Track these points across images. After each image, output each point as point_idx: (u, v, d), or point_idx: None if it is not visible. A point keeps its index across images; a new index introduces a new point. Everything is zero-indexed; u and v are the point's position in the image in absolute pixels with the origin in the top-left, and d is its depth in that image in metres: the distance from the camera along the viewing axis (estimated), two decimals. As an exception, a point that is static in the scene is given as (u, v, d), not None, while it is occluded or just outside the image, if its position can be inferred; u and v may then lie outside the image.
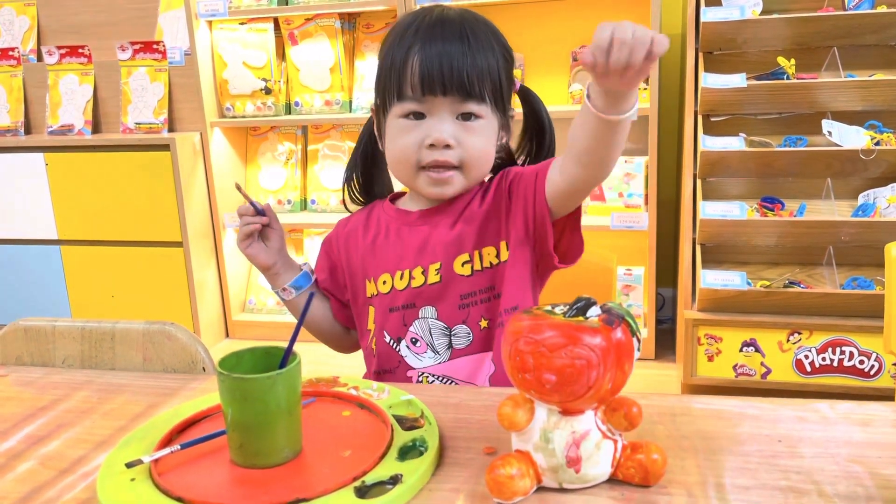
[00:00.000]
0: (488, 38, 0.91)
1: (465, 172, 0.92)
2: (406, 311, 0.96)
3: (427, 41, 0.88)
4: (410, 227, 0.98)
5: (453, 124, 0.90)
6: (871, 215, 2.04)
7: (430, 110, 0.90)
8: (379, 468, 0.62)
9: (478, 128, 0.91)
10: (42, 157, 2.72)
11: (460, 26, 0.90)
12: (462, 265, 0.94)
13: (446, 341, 0.95)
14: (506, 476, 0.58)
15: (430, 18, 0.91)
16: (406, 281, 0.96)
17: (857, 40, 2.22)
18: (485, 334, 0.94)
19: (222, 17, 2.64)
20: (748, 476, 0.61)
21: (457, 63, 0.87)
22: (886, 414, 0.71)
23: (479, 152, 0.92)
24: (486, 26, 0.93)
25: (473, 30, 0.90)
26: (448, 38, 0.88)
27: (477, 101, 0.89)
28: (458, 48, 0.88)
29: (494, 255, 0.94)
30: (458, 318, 0.94)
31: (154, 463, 0.64)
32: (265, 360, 0.67)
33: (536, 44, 2.67)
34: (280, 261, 1.02)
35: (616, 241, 2.58)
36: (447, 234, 0.95)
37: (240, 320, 2.89)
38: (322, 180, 2.83)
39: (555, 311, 0.62)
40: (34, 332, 0.94)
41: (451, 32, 0.89)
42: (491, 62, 0.90)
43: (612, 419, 0.60)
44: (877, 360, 1.99)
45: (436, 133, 0.89)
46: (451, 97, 0.88)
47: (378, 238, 1.00)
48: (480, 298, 0.94)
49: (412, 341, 0.96)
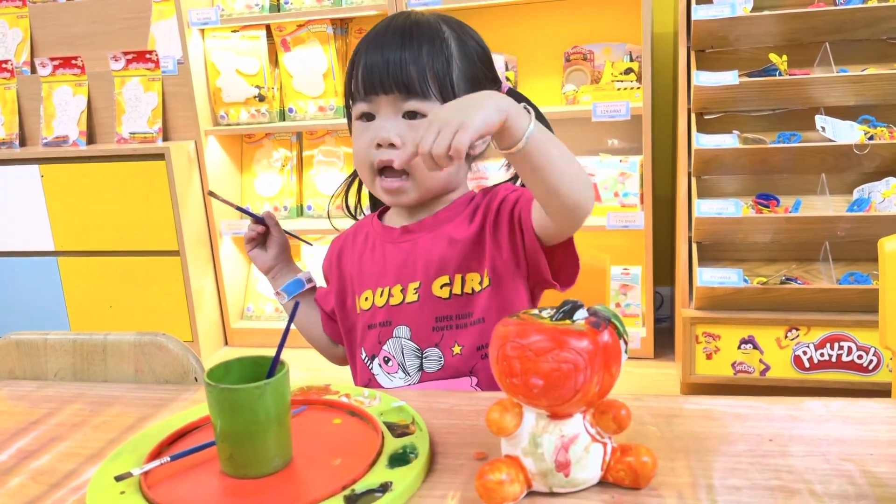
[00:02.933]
0: (438, 37, 0.90)
1: (413, 176, 0.91)
2: (382, 329, 0.95)
3: (372, 45, 0.90)
4: (393, 244, 0.97)
5: (399, 123, 0.89)
6: (866, 210, 2.04)
7: (377, 110, 0.90)
8: (369, 476, 0.62)
9: None
10: (37, 169, 2.72)
11: (406, 28, 0.90)
12: (441, 287, 0.92)
13: (417, 363, 0.93)
14: (495, 481, 0.58)
15: (383, 24, 0.92)
16: (385, 298, 0.95)
17: (848, 35, 2.22)
18: (456, 360, 0.92)
19: (214, 24, 2.64)
20: (739, 476, 0.61)
21: (394, 60, 0.87)
22: (879, 411, 0.71)
23: None
24: (445, 26, 0.92)
25: (420, 30, 0.90)
26: (390, 40, 0.89)
27: (419, 98, 0.88)
28: (397, 47, 0.88)
29: (478, 282, 0.92)
30: (431, 341, 0.92)
31: (144, 475, 0.64)
32: (253, 369, 0.67)
33: (529, 45, 2.67)
34: (279, 266, 1.06)
35: (612, 240, 2.58)
36: (429, 252, 0.93)
37: (238, 328, 2.89)
38: (318, 186, 2.83)
39: (542, 315, 0.62)
40: (26, 346, 0.94)
41: (395, 34, 0.89)
42: (437, 60, 0.88)
43: (601, 422, 0.60)
44: (875, 355, 1.99)
45: (382, 132, 0.89)
46: (392, 95, 0.88)
47: (364, 254, 1.00)
48: (456, 324, 0.92)
49: (384, 360, 0.95)
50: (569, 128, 2.62)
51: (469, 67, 0.92)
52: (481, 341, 0.92)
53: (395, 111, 0.89)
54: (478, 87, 0.93)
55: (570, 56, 2.63)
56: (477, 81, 0.93)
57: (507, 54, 2.64)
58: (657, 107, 2.56)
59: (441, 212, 0.96)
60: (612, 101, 2.36)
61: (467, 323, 0.92)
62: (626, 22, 2.54)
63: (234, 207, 1.08)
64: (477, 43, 0.96)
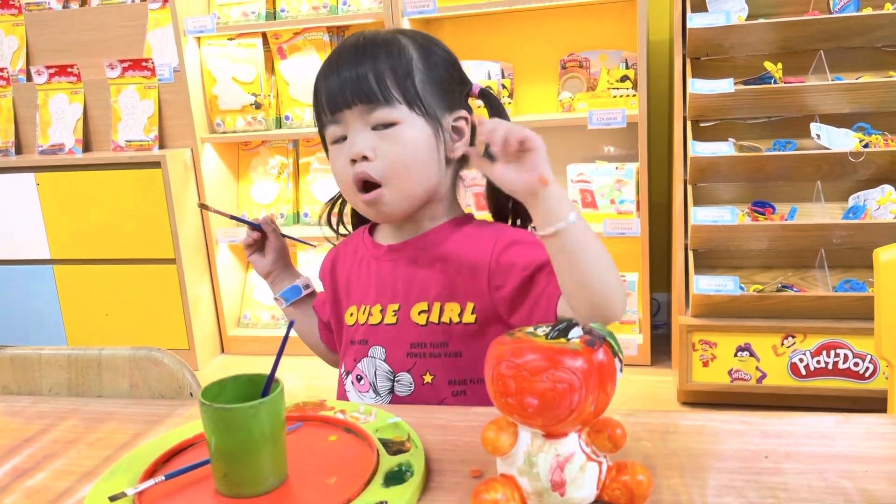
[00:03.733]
0: (395, 45, 0.89)
1: (393, 185, 0.88)
2: (359, 347, 0.94)
3: (330, 66, 0.89)
4: (377, 262, 0.96)
5: (370, 135, 0.87)
6: (861, 217, 2.05)
7: (347, 128, 0.88)
8: (364, 495, 0.62)
9: (396, 134, 0.87)
10: (33, 177, 2.72)
11: (360, 44, 0.89)
12: (419, 313, 0.91)
13: (389, 385, 0.92)
14: (490, 501, 0.58)
15: (337, 48, 0.91)
16: (366, 316, 0.94)
17: (843, 43, 2.23)
18: (426, 389, 0.90)
19: (210, 32, 2.64)
20: (735, 494, 0.61)
21: (350, 74, 0.86)
22: (874, 427, 0.71)
23: (402, 160, 0.87)
24: (402, 37, 0.90)
25: (375, 43, 0.88)
26: (346, 58, 0.88)
27: (384, 105, 0.86)
28: (353, 63, 0.87)
29: (457, 314, 0.89)
30: (404, 366, 0.91)
31: (138, 495, 0.64)
32: (248, 388, 0.67)
33: (525, 52, 2.67)
34: (277, 270, 1.07)
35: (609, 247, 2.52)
36: (412, 276, 0.92)
37: (235, 335, 2.89)
38: (314, 193, 2.83)
39: (536, 333, 0.62)
40: (20, 361, 0.94)
41: (349, 52, 0.88)
42: (395, 64, 0.87)
43: (597, 441, 0.60)
44: (871, 363, 1.99)
45: (355, 147, 0.87)
46: (357, 108, 0.86)
47: (353, 268, 0.99)
48: (430, 352, 0.90)
49: (357, 378, 0.95)
50: (565, 135, 2.63)
51: (432, 71, 0.90)
52: (454, 375, 0.90)
53: (363, 124, 0.87)
54: (445, 90, 0.91)
55: (566, 63, 2.64)
56: (443, 84, 0.91)
57: (503, 62, 2.64)
58: (653, 114, 2.57)
59: (430, 233, 0.94)
60: (608, 109, 2.36)
61: (441, 353, 0.90)
62: (621, 29, 2.55)
63: (228, 217, 1.09)
64: (441, 49, 0.94)
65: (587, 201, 2.50)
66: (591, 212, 2.50)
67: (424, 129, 0.88)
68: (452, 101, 0.93)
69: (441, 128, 0.90)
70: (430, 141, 0.89)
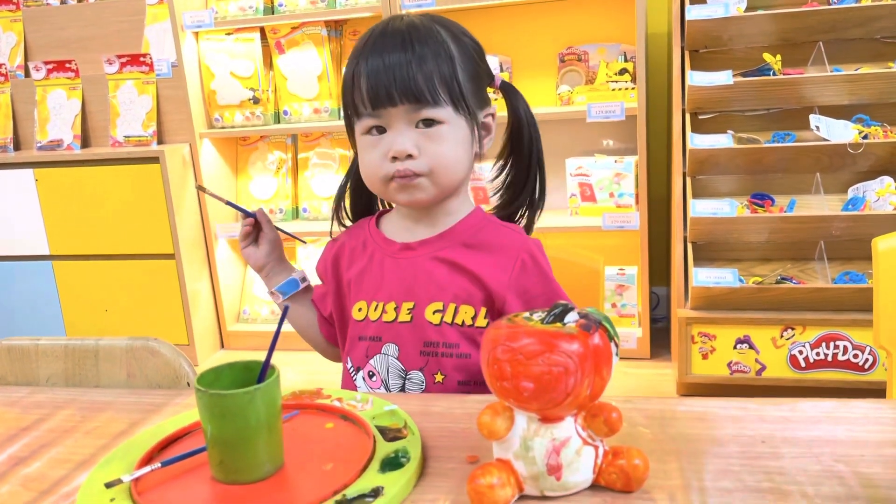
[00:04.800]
0: (437, 40, 0.88)
1: (433, 178, 0.89)
2: (371, 343, 0.94)
3: (371, 54, 0.87)
4: (393, 259, 0.95)
5: (413, 133, 0.87)
6: (861, 209, 2.04)
7: (389, 123, 0.88)
8: (360, 481, 0.62)
9: (441, 133, 0.88)
10: (32, 173, 2.72)
11: (405, 34, 0.88)
12: (433, 313, 0.91)
13: (400, 383, 0.93)
14: (486, 486, 0.58)
15: (378, 30, 0.89)
16: (378, 313, 0.94)
17: (842, 34, 2.22)
18: (437, 389, 0.91)
19: (208, 27, 2.63)
20: (731, 478, 0.61)
21: (400, 71, 0.85)
22: (870, 412, 0.71)
23: (445, 159, 0.89)
24: (439, 27, 0.90)
25: (419, 34, 0.88)
26: (390, 48, 0.86)
27: (432, 106, 0.86)
28: (400, 56, 0.85)
29: (470, 318, 0.91)
30: (417, 364, 0.92)
31: (134, 482, 0.64)
32: (244, 374, 0.67)
33: (524, 46, 2.67)
34: (271, 264, 1.04)
35: (608, 241, 2.58)
36: (429, 275, 0.93)
37: (234, 331, 2.89)
38: (313, 188, 2.83)
39: (533, 318, 0.61)
40: (17, 352, 0.94)
41: (394, 41, 0.87)
42: (442, 64, 0.87)
43: (593, 425, 0.60)
44: (871, 354, 1.99)
45: (397, 145, 0.87)
46: (403, 106, 0.86)
47: (363, 263, 0.98)
48: (443, 352, 0.91)
49: (369, 374, 0.95)
50: (564, 129, 2.63)
51: (470, 65, 0.91)
52: (464, 376, 0.91)
53: (407, 122, 0.87)
54: (480, 83, 0.93)
55: (564, 57, 2.63)
56: (479, 78, 0.93)
57: (501, 55, 2.64)
58: (652, 107, 2.56)
59: (446, 232, 0.95)
60: (606, 102, 2.36)
61: (452, 353, 0.91)
62: (620, 22, 2.54)
63: (224, 202, 1.07)
64: (471, 39, 0.94)
65: (586, 195, 2.50)
66: (590, 205, 2.50)
67: (465, 128, 0.90)
68: (484, 96, 0.94)
69: (477, 126, 0.92)
70: (468, 139, 0.91)
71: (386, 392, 0.94)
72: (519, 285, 0.91)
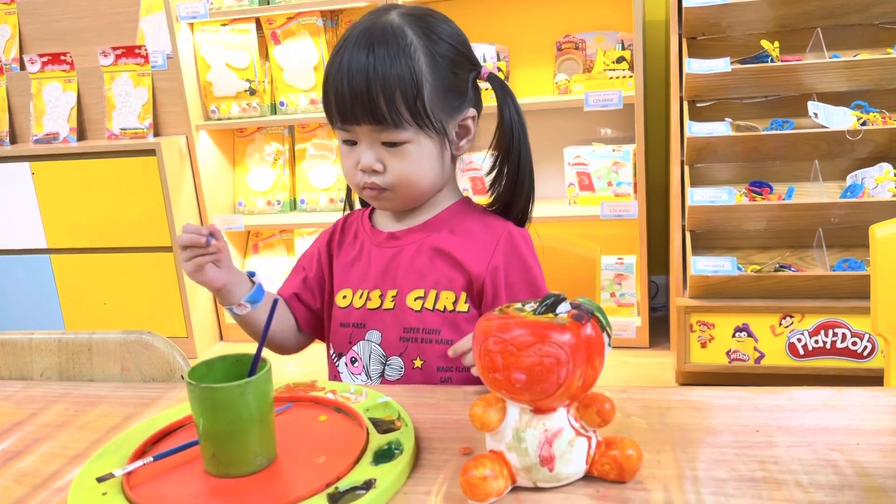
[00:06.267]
0: (402, 54, 0.86)
1: (398, 192, 0.91)
2: (355, 330, 0.96)
3: (339, 66, 0.87)
4: (378, 248, 0.97)
5: (379, 149, 0.89)
6: (859, 196, 2.04)
7: (357, 137, 0.90)
8: (353, 473, 0.62)
9: (405, 151, 0.89)
10: (28, 167, 2.71)
11: (373, 45, 0.86)
12: (414, 299, 0.93)
13: (380, 369, 0.94)
14: (479, 477, 0.58)
15: (353, 35, 0.88)
16: (363, 300, 0.96)
17: (840, 20, 2.21)
18: (416, 374, 0.92)
19: (203, 18, 2.62)
20: (725, 468, 0.61)
21: (362, 94, 0.85)
22: (866, 400, 0.71)
23: (410, 175, 0.90)
24: (415, 31, 0.88)
25: (386, 46, 0.86)
26: (356, 62, 0.85)
27: (393, 129, 0.87)
28: (364, 75, 0.85)
29: (451, 302, 0.92)
30: (396, 350, 0.93)
31: (127, 476, 0.64)
32: (236, 368, 0.66)
33: (520, 34, 2.65)
34: (231, 277, 0.92)
35: (607, 230, 2.58)
36: (411, 263, 0.94)
37: (233, 323, 2.87)
38: (311, 179, 2.82)
39: (525, 309, 0.61)
40: (11, 346, 0.94)
41: (360, 54, 0.85)
42: (406, 84, 0.85)
43: (585, 416, 0.60)
44: (869, 341, 1.98)
45: (363, 160, 0.89)
46: (367, 126, 0.87)
47: (351, 252, 1.00)
48: (422, 337, 0.92)
49: (351, 360, 0.96)
50: (561, 117, 2.61)
51: (440, 77, 0.89)
52: (443, 362, 0.92)
53: (372, 140, 0.89)
54: (453, 94, 0.91)
55: (561, 45, 2.62)
56: (450, 89, 0.90)
57: (498, 44, 2.62)
58: (649, 95, 2.55)
59: (431, 221, 0.96)
60: (604, 90, 2.35)
61: (432, 339, 0.92)
62: (617, 10, 2.53)
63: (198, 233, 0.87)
64: (447, 34, 0.91)
65: (584, 184, 2.49)
66: (588, 194, 2.49)
67: (431, 143, 0.90)
68: (460, 102, 0.92)
69: (447, 138, 0.92)
70: (436, 153, 0.92)
71: (367, 378, 0.95)
72: (496, 269, 0.92)
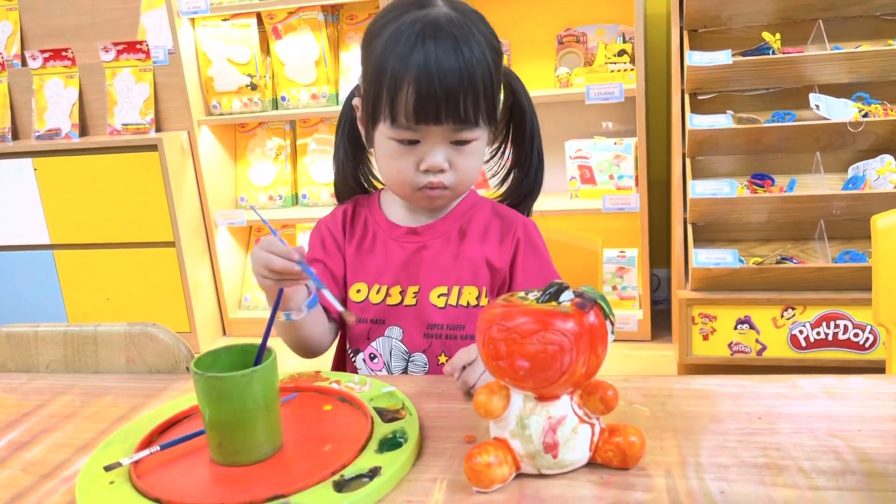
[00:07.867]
0: (483, 56, 0.84)
1: (456, 189, 0.90)
2: (374, 326, 0.94)
3: (425, 68, 0.81)
4: (397, 242, 0.95)
5: (447, 149, 0.87)
6: (861, 188, 2.04)
7: (425, 137, 0.85)
8: (358, 461, 0.62)
9: (472, 149, 0.88)
10: (30, 163, 2.71)
11: (453, 41, 0.82)
12: (438, 296, 0.93)
13: (403, 365, 0.94)
14: (483, 464, 0.58)
15: (421, 28, 0.82)
16: (382, 296, 0.94)
17: (842, 12, 2.21)
18: (440, 371, 0.91)
19: (204, 13, 2.62)
20: (727, 454, 0.61)
21: (453, 96, 0.82)
22: (867, 387, 0.71)
23: (472, 172, 0.90)
24: (476, 26, 0.86)
25: (468, 44, 0.82)
26: (448, 64, 0.81)
27: (471, 128, 0.86)
28: (455, 76, 0.81)
29: (474, 297, 0.93)
30: (420, 347, 0.93)
31: (134, 465, 0.64)
32: (242, 357, 0.67)
33: (522, 28, 2.65)
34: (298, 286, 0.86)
35: (609, 223, 2.58)
36: (435, 260, 0.94)
37: (236, 318, 2.89)
38: (312, 174, 2.82)
39: (528, 297, 0.61)
40: (17, 339, 0.94)
41: (445, 51, 0.81)
42: (487, 85, 0.84)
43: (589, 403, 0.60)
44: (871, 333, 1.99)
45: (430, 159, 0.86)
46: (445, 126, 0.84)
47: (363, 244, 0.97)
48: (447, 334, 0.92)
49: (370, 356, 0.95)
50: (563, 111, 2.61)
51: (498, 74, 0.88)
52: None
53: (444, 139, 0.86)
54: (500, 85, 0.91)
55: (562, 38, 2.62)
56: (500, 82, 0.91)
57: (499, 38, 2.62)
58: (651, 88, 2.55)
59: (448, 215, 0.96)
60: (605, 84, 2.35)
61: (458, 335, 0.92)
62: (618, 3, 2.52)
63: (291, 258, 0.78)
64: (492, 34, 0.90)
65: (586, 177, 2.49)
66: (589, 188, 2.49)
67: (485, 140, 0.91)
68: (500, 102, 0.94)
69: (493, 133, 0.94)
70: (485, 148, 0.93)
71: (388, 374, 0.94)
72: (517, 261, 0.94)
